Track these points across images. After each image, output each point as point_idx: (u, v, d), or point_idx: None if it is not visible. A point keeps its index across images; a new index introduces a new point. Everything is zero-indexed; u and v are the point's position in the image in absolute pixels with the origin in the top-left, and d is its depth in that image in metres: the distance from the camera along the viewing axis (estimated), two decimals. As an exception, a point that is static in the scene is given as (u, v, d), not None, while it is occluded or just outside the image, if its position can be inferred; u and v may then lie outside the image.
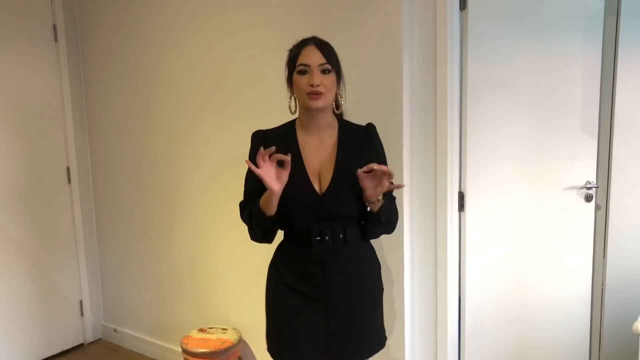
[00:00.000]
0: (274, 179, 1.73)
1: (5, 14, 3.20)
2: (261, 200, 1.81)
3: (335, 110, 1.90)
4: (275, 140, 1.84)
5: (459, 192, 2.41)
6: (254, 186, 1.84)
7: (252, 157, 1.86)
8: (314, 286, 1.85)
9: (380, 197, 1.80)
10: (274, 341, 1.95)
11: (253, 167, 1.71)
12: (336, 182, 1.81)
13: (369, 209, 1.84)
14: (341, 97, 1.89)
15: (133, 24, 3.25)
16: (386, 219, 1.87)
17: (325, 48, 1.81)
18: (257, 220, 1.83)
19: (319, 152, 1.85)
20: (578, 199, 2.59)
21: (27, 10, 3.30)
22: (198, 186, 3.08)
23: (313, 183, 1.81)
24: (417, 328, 2.47)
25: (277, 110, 1.95)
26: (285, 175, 1.74)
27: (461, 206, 2.42)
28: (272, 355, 1.95)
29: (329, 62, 1.79)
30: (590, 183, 2.59)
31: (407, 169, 2.35)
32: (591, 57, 2.53)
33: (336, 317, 1.86)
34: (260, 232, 1.87)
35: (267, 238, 1.90)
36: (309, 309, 1.86)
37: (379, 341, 1.98)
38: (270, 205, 1.77)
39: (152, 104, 3.23)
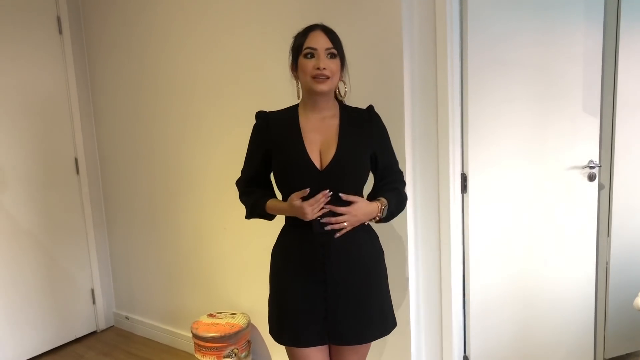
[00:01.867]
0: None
1: (9, 7, 3.22)
2: (270, 206, 1.93)
3: (339, 97, 1.95)
4: (278, 121, 1.91)
5: (461, 174, 2.42)
6: (256, 162, 1.94)
7: (255, 137, 1.96)
8: (315, 268, 1.87)
9: (384, 208, 1.89)
10: (275, 324, 1.97)
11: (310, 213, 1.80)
12: (338, 159, 1.84)
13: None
14: (345, 85, 1.93)
15: (137, 13, 3.26)
16: (390, 213, 1.94)
17: (331, 34, 1.86)
18: (257, 212, 1.97)
19: (321, 132, 1.88)
20: (581, 178, 2.59)
21: (31, 3, 3.32)
22: (204, 173, 3.11)
23: (313, 160, 1.84)
24: (422, 310, 2.50)
25: (284, 97, 1.98)
26: None
27: (464, 188, 2.43)
28: (273, 337, 1.98)
29: (334, 47, 1.83)
30: (593, 162, 2.58)
31: (409, 152, 2.36)
32: (592, 34, 2.51)
33: (336, 299, 1.87)
34: (257, 217, 2.01)
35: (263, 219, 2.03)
36: (309, 291, 1.88)
37: (384, 326, 1.97)
38: (279, 213, 1.94)
39: (156, 93, 3.25)
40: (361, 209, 1.85)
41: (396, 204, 1.94)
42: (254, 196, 1.96)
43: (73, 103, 3.56)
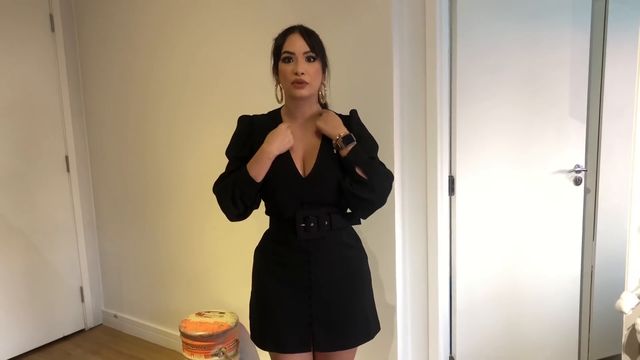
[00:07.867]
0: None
1: (1, 5, 3.22)
2: (249, 163, 1.82)
3: (320, 100, 1.91)
4: (262, 127, 1.88)
5: (449, 176, 2.45)
6: (238, 159, 1.89)
7: (238, 139, 1.92)
8: (299, 274, 1.86)
9: (341, 135, 1.79)
10: (258, 329, 1.96)
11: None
12: (320, 167, 1.83)
13: (334, 151, 1.82)
14: (325, 87, 1.89)
15: (129, 12, 3.27)
16: (366, 178, 1.80)
17: (310, 37, 1.80)
18: (241, 187, 1.82)
19: (304, 140, 1.87)
20: (567, 182, 2.63)
21: (23, 1, 3.32)
22: (195, 172, 3.12)
23: (297, 167, 1.84)
24: (408, 310, 2.52)
25: (269, 101, 1.99)
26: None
27: (452, 190, 2.46)
28: (256, 343, 1.96)
29: (313, 50, 1.79)
30: (579, 166, 2.62)
31: (398, 154, 2.38)
32: (580, 41, 2.55)
33: (320, 305, 1.87)
34: (241, 203, 1.84)
35: (246, 212, 1.89)
36: (293, 297, 1.87)
37: (368, 331, 1.96)
38: (261, 165, 1.79)
39: (148, 92, 3.26)
40: (334, 116, 1.85)
41: (367, 157, 1.83)
42: (231, 176, 1.87)
43: (64, 101, 3.55)
